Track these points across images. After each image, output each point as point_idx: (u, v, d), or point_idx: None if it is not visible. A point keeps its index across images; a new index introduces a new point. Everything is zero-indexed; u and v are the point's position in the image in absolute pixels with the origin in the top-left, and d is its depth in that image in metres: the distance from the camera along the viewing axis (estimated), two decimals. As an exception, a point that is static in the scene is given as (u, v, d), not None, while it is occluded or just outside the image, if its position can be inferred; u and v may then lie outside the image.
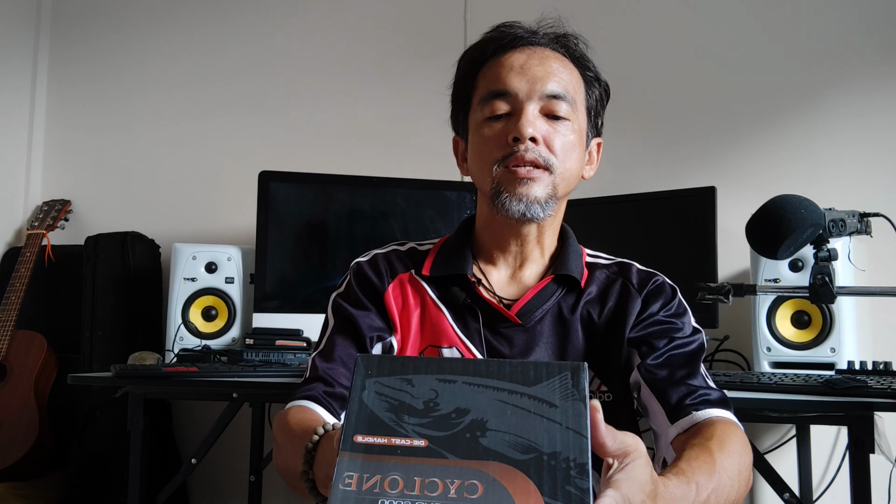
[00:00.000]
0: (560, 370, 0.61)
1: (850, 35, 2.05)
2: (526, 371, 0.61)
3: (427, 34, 2.44)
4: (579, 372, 0.61)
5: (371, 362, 0.63)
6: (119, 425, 2.18)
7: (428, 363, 0.63)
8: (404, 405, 0.60)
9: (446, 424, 0.59)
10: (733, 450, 0.86)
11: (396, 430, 0.59)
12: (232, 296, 2.07)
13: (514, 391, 0.60)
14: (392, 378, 0.62)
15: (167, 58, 2.66)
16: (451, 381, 0.61)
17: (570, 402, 0.59)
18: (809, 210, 1.11)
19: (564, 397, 0.60)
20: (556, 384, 0.60)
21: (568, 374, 0.61)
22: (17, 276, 2.32)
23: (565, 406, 0.59)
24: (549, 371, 0.61)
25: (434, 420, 0.59)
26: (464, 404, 0.60)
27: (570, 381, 0.60)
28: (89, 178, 2.67)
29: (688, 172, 2.14)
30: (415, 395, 0.61)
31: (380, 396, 0.61)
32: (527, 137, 1.00)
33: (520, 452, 0.57)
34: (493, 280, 1.09)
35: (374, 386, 0.62)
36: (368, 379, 0.62)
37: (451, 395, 0.61)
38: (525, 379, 0.61)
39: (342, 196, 2.06)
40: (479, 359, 0.64)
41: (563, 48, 1.08)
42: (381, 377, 0.62)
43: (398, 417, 0.59)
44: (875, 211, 1.22)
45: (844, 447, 1.82)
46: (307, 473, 0.80)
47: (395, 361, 0.64)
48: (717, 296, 1.26)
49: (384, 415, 0.60)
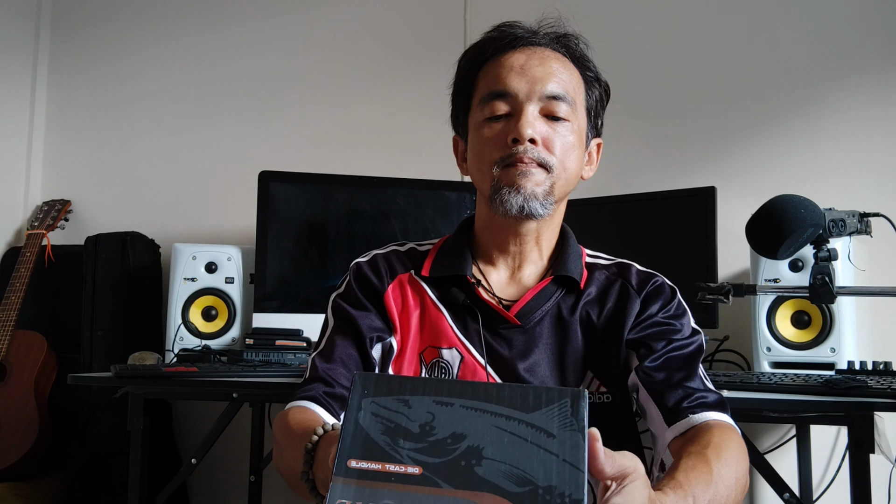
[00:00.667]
0: (560, 396, 0.60)
1: (850, 35, 2.05)
2: (525, 396, 0.60)
3: (427, 34, 2.44)
4: (579, 399, 0.60)
5: (368, 381, 0.62)
6: (119, 425, 2.17)
7: (426, 384, 0.62)
8: (400, 428, 0.59)
9: (442, 450, 0.58)
10: (730, 457, 0.86)
11: (391, 454, 0.58)
12: (232, 296, 2.07)
13: (511, 417, 0.59)
14: (389, 398, 0.61)
15: (167, 57, 2.66)
16: (449, 404, 0.60)
17: (567, 432, 0.58)
18: (809, 210, 1.11)
19: (563, 426, 0.59)
20: (555, 412, 0.59)
21: (567, 401, 0.60)
22: (17, 276, 2.32)
23: (563, 436, 0.58)
24: (549, 397, 0.60)
25: (430, 445, 0.58)
26: (460, 429, 0.59)
27: (569, 408, 0.59)
28: (89, 178, 2.67)
29: (688, 172, 2.14)
30: (411, 418, 0.60)
31: (376, 417, 0.60)
32: (526, 138, 1.00)
33: (515, 484, 0.56)
34: (492, 281, 1.09)
35: (370, 406, 0.61)
36: (365, 398, 0.61)
37: (447, 419, 0.60)
38: (524, 404, 0.60)
39: (342, 196, 2.05)
40: (478, 381, 0.63)
41: (563, 48, 1.08)
42: (378, 397, 0.61)
43: (393, 441, 0.59)
44: (875, 211, 1.22)
45: (844, 447, 1.82)
46: (307, 474, 0.80)
47: (393, 381, 0.63)
48: (717, 296, 1.26)
49: (379, 437, 0.59)
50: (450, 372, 1.04)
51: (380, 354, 1.07)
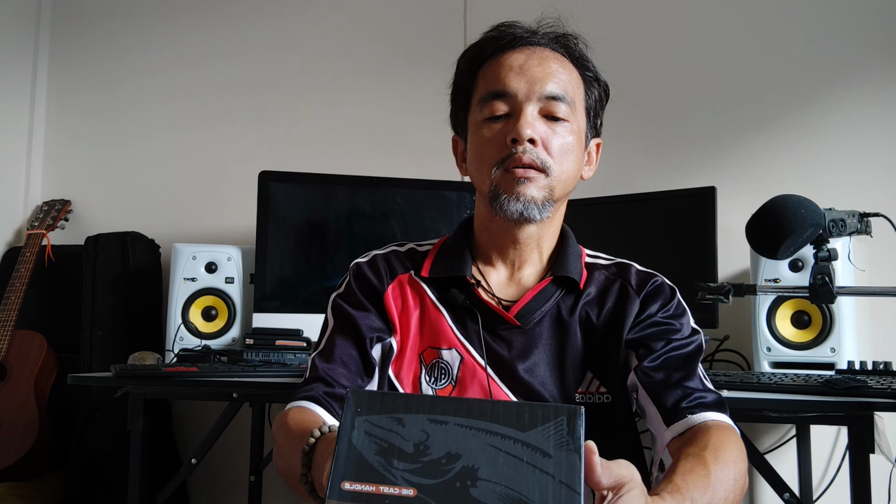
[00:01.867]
0: (556, 414, 0.59)
1: (850, 35, 2.04)
2: (521, 414, 0.59)
3: (427, 34, 2.44)
4: (575, 417, 0.59)
5: (361, 399, 0.61)
6: (119, 425, 2.18)
7: (420, 401, 0.61)
8: (394, 448, 0.58)
9: (436, 471, 0.57)
10: (728, 458, 0.86)
11: (385, 476, 0.57)
12: (232, 296, 2.07)
13: (507, 436, 0.58)
14: (382, 417, 0.60)
15: (168, 57, 2.66)
16: (443, 423, 0.59)
17: (564, 451, 0.57)
18: (809, 210, 1.11)
19: (559, 446, 0.58)
20: (552, 430, 0.59)
21: (564, 419, 0.59)
22: (17, 276, 2.32)
23: (559, 456, 0.57)
24: (545, 415, 0.59)
25: (424, 466, 0.57)
26: (455, 449, 0.58)
27: (565, 427, 0.59)
28: (89, 178, 2.67)
29: (688, 172, 2.14)
30: (405, 437, 0.59)
31: (369, 437, 0.59)
32: (525, 139, 1.00)
33: None
34: (491, 281, 1.09)
35: (363, 425, 0.60)
36: (358, 417, 0.60)
37: (442, 438, 0.59)
38: (519, 422, 0.59)
39: (342, 196, 2.05)
40: (473, 399, 0.62)
41: (562, 48, 1.08)
42: (372, 415, 0.60)
43: (387, 462, 0.58)
44: (875, 211, 1.21)
45: (844, 447, 1.82)
46: (306, 476, 0.80)
47: (387, 399, 0.62)
48: (717, 296, 1.26)
49: (373, 458, 0.58)
50: (450, 372, 1.04)
51: (380, 355, 1.07)
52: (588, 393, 1.04)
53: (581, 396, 1.04)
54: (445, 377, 1.04)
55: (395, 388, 1.06)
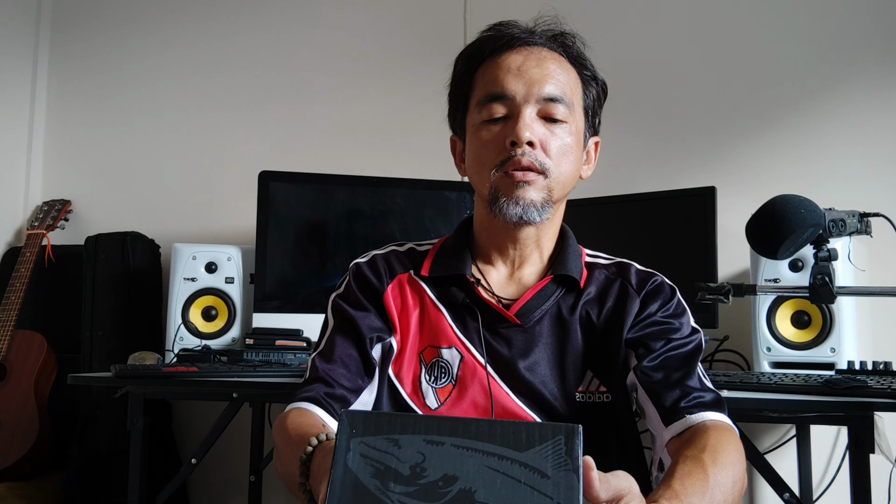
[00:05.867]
0: (553, 434, 0.58)
1: (850, 35, 2.04)
2: (518, 433, 0.58)
3: (427, 34, 2.44)
4: (573, 437, 0.58)
5: (356, 420, 0.60)
6: (119, 425, 2.18)
7: (416, 421, 0.60)
8: (390, 470, 0.58)
9: (433, 494, 0.56)
10: (726, 460, 0.86)
11: (382, 500, 0.56)
12: (232, 296, 2.07)
13: (504, 457, 0.58)
14: (378, 438, 0.59)
15: (167, 58, 2.66)
16: (440, 443, 0.58)
17: (562, 472, 0.57)
18: (809, 210, 1.11)
19: (557, 466, 0.57)
20: (549, 450, 0.58)
21: (562, 438, 0.58)
22: (17, 276, 2.32)
23: (557, 477, 0.56)
24: (542, 434, 0.58)
25: (421, 489, 0.57)
26: (452, 471, 0.57)
27: (563, 447, 0.58)
28: (89, 178, 2.67)
29: (688, 172, 2.14)
30: (401, 459, 0.58)
31: (365, 459, 0.58)
32: (524, 142, 1.00)
33: None
34: (491, 280, 1.09)
35: (359, 447, 0.59)
36: (353, 439, 0.59)
37: (438, 460, 0.58)
38: (517, 442, 0.58)
39: (342, 196, 2.05)
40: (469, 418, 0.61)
41: (560, 47, 1.07)
42: (367, 437, 0.59)
43: (384, 485, 0.57)
44: (875, 211, 1.21)
45: (844, 447, 1.82)
46: (304, 485, 0.80)
47: (382, 419, 0.61)
48: (717, 296, 1.26)
49: (369, 481, 0.57)
50: (450, 371, 1.04)
51: (380, 354, 1.07)
52: (588, 392, 1.04)
53: (581, 395, 1.04)
54: (445, 376, 1.04)
55: (395, 387, 1.05)
